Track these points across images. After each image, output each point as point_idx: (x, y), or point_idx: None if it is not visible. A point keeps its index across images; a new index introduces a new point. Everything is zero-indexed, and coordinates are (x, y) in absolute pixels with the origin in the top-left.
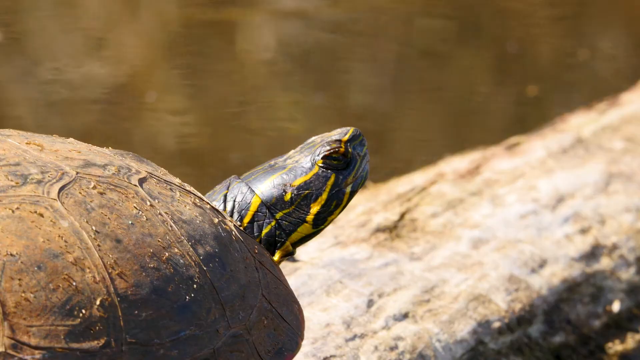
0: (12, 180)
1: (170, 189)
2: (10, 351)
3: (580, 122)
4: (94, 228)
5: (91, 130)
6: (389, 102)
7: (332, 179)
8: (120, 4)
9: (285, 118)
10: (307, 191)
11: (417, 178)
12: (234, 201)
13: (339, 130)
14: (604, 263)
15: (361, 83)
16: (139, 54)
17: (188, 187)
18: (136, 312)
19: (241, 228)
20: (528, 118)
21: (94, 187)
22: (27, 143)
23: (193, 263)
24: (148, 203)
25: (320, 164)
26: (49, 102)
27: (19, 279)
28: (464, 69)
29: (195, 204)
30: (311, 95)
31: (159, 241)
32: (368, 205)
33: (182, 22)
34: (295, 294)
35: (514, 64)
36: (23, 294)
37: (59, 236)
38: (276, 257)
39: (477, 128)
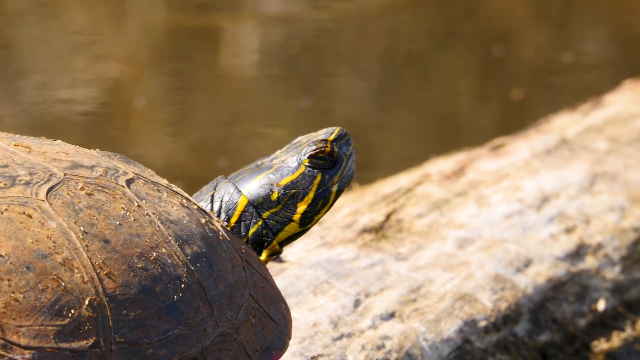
0: (0, 182)
1: (158, 189)
2: (0, 351)
3: (564, 123)
4: (82, 229)
5: (78, 137)
6: (375, 106)
7: (319, 178)
8: (107, 11)
9: (272, 122)
10: (293, 190)
11: (403, 179)
12: (221, 201)
13: (325, 130)
14: (589, 262)
15: (347, 87)
16: (126, 61)
17: (175, 188)
18: (125, 311)
19: (228, 228)
20: (512, 121)
21: (82, 188)
22: (15, 145)
23: (181, 263)
24: (135, 204)
25: (307, 164)
26: (34, 113)
27: (8, 280)
28: (449, 73)
29: (182, 205)
30: (297, 100)
31: (146, 241)
32: (354, 207)
33: (169, 28)
34: (283, 294)
35: (498, 68)
36: (12, 294)
37: (48, 237)
38: (263, 257)
39: (461, 131)
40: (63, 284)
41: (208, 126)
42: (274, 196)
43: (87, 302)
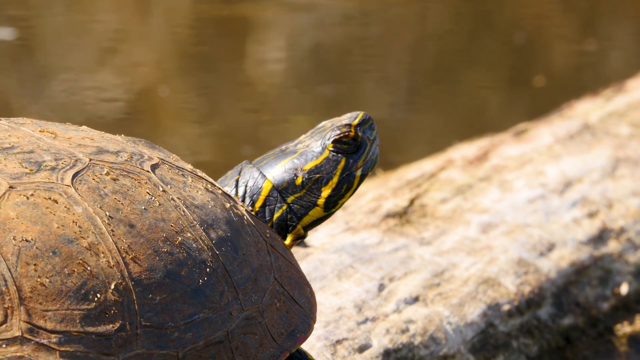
0: (26, 168)
1: (182, 174)
2: (27, 335)
3: (587, 109)
4: (107, 213)
5: (104, 127)
6: (399, 93)
7: (343, 162)
8: (133, 2)
9: (296, 110)
10: (318, 175)
11: (426, 165)
12: (246, 186)
13: (348, 115)
14: (612, 246)
15: (373, 75)
16: (152, 51)
17: (200, 173)
18: (150, 295)
19: (253, 212)
20: (535, 108)
21: (107, 174)
22: (40, 131)
23: (205, 247)
24: (160, 189)
25: (331, 148)
26: (61, 106)
27: (35, 264)
28: (475, 60)
29: (207, 189)
30: (322, 87)
31: (171, 226)
32: (378, 192)
33: (194, 19)
34: (307, 278)
35: (521, 55)
36: (39, 279)
37: (73, 222)
38: (288, 241)
39: (485, 117)
40: (89, 268)
41: (233, 115)
42: (299, 181)
43: (112, 287)
